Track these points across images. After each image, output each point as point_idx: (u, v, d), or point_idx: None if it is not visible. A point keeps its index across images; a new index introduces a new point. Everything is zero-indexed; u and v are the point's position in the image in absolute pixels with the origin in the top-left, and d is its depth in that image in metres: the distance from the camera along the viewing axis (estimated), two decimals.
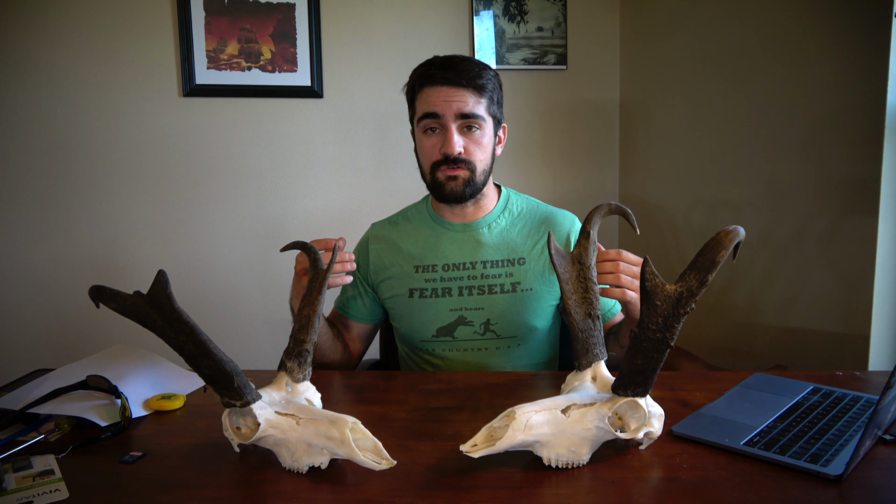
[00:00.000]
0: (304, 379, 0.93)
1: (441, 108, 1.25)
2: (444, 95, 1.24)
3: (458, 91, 1.24)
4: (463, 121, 1.25)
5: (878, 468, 0.82)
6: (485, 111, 1.27)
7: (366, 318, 1.41)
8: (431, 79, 1.26)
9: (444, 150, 1.26)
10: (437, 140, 1.27)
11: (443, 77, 1.25)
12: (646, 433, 0.85)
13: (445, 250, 1.34)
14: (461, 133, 1.26)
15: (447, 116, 1.25)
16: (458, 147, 1.25)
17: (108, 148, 2.28)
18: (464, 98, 1.24)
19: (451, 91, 1.24)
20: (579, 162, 2.56)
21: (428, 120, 1.27)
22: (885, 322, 1.52)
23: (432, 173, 1.29)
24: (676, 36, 2.19)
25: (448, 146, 1.25)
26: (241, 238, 2.40)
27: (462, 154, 1.26)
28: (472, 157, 1.27)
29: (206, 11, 2.25)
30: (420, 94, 1.28)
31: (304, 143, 2.40)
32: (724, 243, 0.76)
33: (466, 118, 1.25)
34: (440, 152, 1.27)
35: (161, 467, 0.88)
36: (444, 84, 1.25)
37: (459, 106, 1.24)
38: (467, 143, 1.27)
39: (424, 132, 1.29)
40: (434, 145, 1.28)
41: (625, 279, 1.11)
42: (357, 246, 1.44)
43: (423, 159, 1.31)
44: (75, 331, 2.30)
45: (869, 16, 1.46)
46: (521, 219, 1.37)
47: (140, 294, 0.80)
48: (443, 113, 1.25)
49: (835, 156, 1.59)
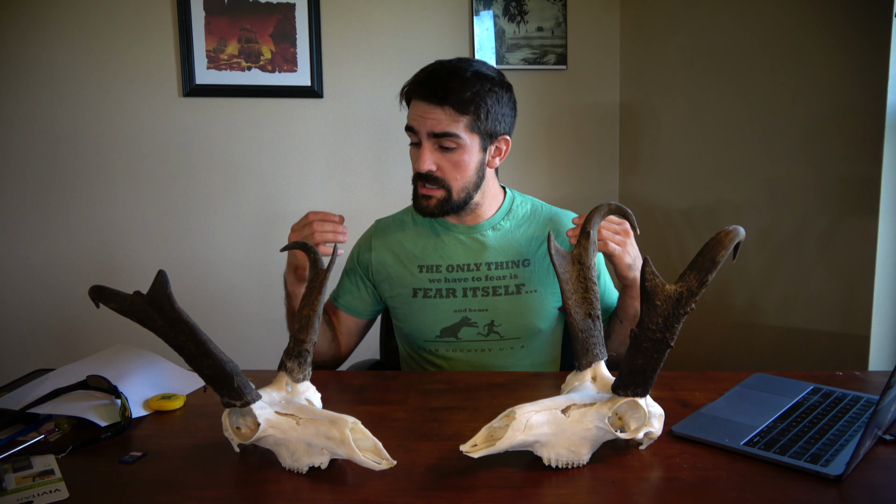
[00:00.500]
0: (304, 379, 0.93)
1: (416, 123, 1.23)
2: (421, 111, 1.22)
3: (432, 109, 1.21)
4: (436, 140, 1.23)
5: (878, 468, 0.82)
6: (464, 129, 1.22)
7: (359, 311, 1.40)
8: (414, 92, 1.24)
9: (415, 167, 1.26)
10: (417, 153, 1.27)
11: (421, 92, 1.22)
12: (646, 433, 0.85)
13: (449, 251, 1.34)
14: (436, 151, 1.24)
15: (421, 133, 1.23)
16: (427, 165, 1.23)
17: (108, 148, 2.28)
18: (437, 116, 1.21)
19: (427, 108, 1.21)
20: (579, 162, 2.56)
21: (409, 132, 1.26)
22: (885, 322, 1.52)
23: (414, 184, 1.30)
24: (676, 36, 2.19)
25: (419, 164, 1.24)
26: (242, 238, 2.40)
27: (434, 172, 1.24)
28: (445, 175, 1.24)
29: (206, 11, 2.25)
30: (410, 104, 1.27)
31: (304, 143, 2.40)
32: (724, 243, 0.76)
33: (438, 137, 1.22)
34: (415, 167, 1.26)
35: (161, 467, 0.88)
36: (421, 99, 1.22)
37: (432, 125, 1.21)
38: (442, 161, 1.24)
39: (411, 143, 1.29)
40: (414, 158, 1.27)
41: (605, 233, 1.15)
42: (360, 240, 1.43)
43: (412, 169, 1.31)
44: (75, 331, 2.30)
45: (869, 16, 1.46)
46: (525, 221, 1.36)
47: (140, 294, 0.80)
48: (418, 129, 1.23)
49: (835, 156, 1.59)
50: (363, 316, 1.41)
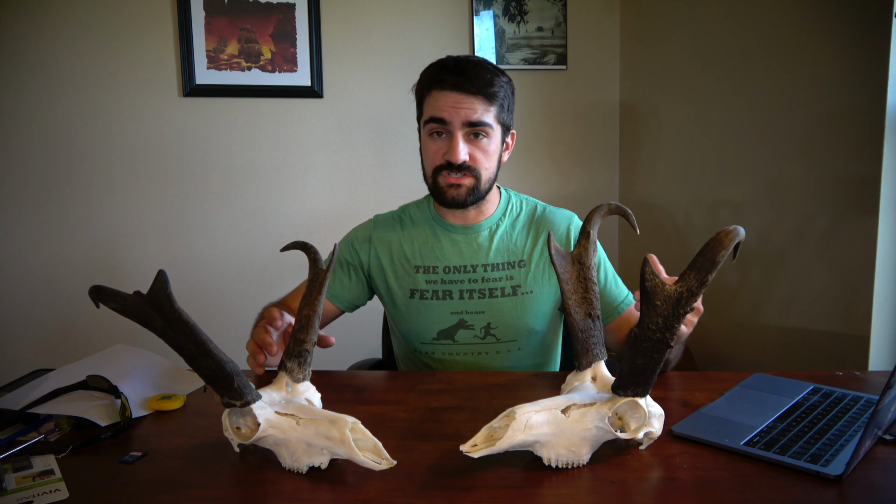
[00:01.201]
0: (304, 379, 0.93)
1: (448, 114, 1.22)
2: (453, 101, 1.22)
3: (467, 98, 1.22)
4: (470, 128, 1.23)
5: (878, 468, 0.82)
6: (493, 119, 1.24)
7: (340, 299, 1.37)
8: (441, 83, 1.23)
9: (449, 157, 1.24)
10: (442, 144, 1.25)
11: (453, 82, 1.22)
12: (646, 433, 0.85)
13: (446, 252, 1.33)
14: (467, 140, 1.24)
15: (454, 123, 1.22)
16: (462, 155, 1.23)
17: (107, 148, 2.28)
18: (472, 105, 1.22)
19: (461, 97, 1.22)
20: (579, 162, 2.56)
21: (434, 124, 1.24)
22: (885, 322, 1.52)
23: (434, 177, 1.28)
24: (676, 36, 2.19)
25: (453, 154, 1.23)
26: (241, 237, 2.40)
27: (467, 162, 1.24)
28: (477, 164, 1.25)
29: (206, 11, 2.25)
30: (429, 96, 1.26)
31: (304, 143, 2.40)
32: (724, 243, 0.76)
33: (473, 126, 1.23)
34: (444, 158, 1.25)
35: (161, 467, 0.87)
36: (453, 90, 1.22)
37: (467, 113, 1.22)
38: (473, 150, 1.25)
39: (430, 135, 1.27)
40: (438, 149, 1.26)
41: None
42: (357, 232, 1.40)
43: (427, 162, 1.30)
44: (75, 331, 2.30)
45: (869, 16, 1.46)
46: (520, 220, 1.36)
47: (140, 294, 0.80)
48: (450, 119, 1.22)
49: (835, 156, 1.59)
50: (342, 305, 1.38)
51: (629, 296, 1.35)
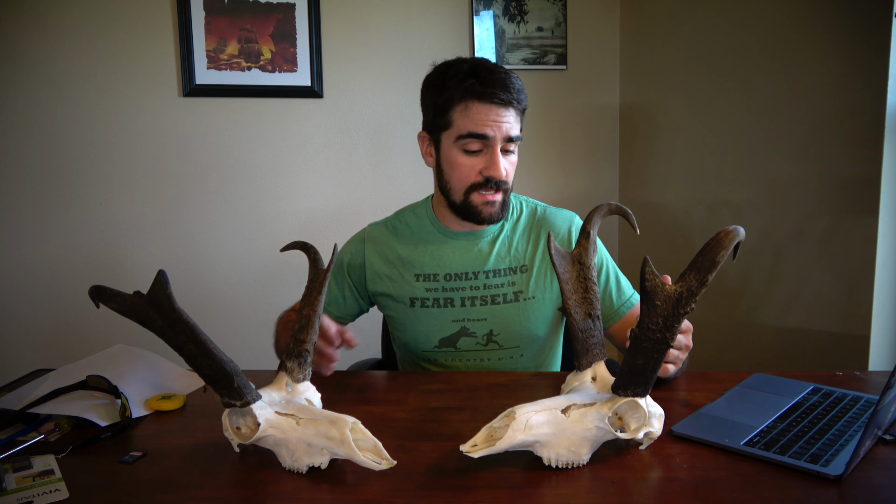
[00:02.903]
0: (304, 379, 0.93)
1: (492, 129, 1.17)
2: (496, 116, 1.17)
3: (506, 112, 1.18)
4: (507, 143, 1.20)
5: (878, 468, 0.82)
6: (520, 131, 1.23)
7: (337, 313, 1.36)
8: (483, 95, 1.17)
9: (490, 173, 1.19)
10: (479, 161, 1.20)
11: (493, 95, 1.16)
12: (646, 433, 0.85)
13: (447, 260, 1.31)
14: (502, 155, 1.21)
15: (496, 138, 1.18)
16: (504, 171, 1.20)
17: (107, 148, 2.28)
18: (511, 120, 1.18)
19: (501, 111, 1.17)
20: (579, 162, 2.56)
21: (472, 140, 1.19)
22: (885, 322, 1.52)
23: (466, 194, 1.23)
24: (676, 36, 2.19)
25: (495, 170, 1.19)
26: (241, 238, 2.40)
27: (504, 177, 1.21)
28: (509, 178, 1.23)
29: (206, 11, 2.25)
30: (463, 108, 1.19)
31: (304, 143, 2.40)
32: (724, 243, 0.76)
33: (511, 141, 1.20)
34: (482, 174, 1.20)
35: (161, 467, 0.88)
36: (494, 103, 1.17)
37: (508, 129, 1.18)
38: (506, 165, 1.22)
39: (463, 150, 1.21)
40: (474, 166, 1.20)
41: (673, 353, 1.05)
42: (351, 243, 1.38)
43: (458, 178, 1.23)
44: (75, 331, 2.30)
45: (869, 16, 1.46)
46: (521, 224, 1.34)
47: (140, 294, 0.80)
48: (493, 135, 1.17)
49: (835, 156, 1.59)
50: (336, 317, 1.36)
51: (635, 295, 1.32)
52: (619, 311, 1.31)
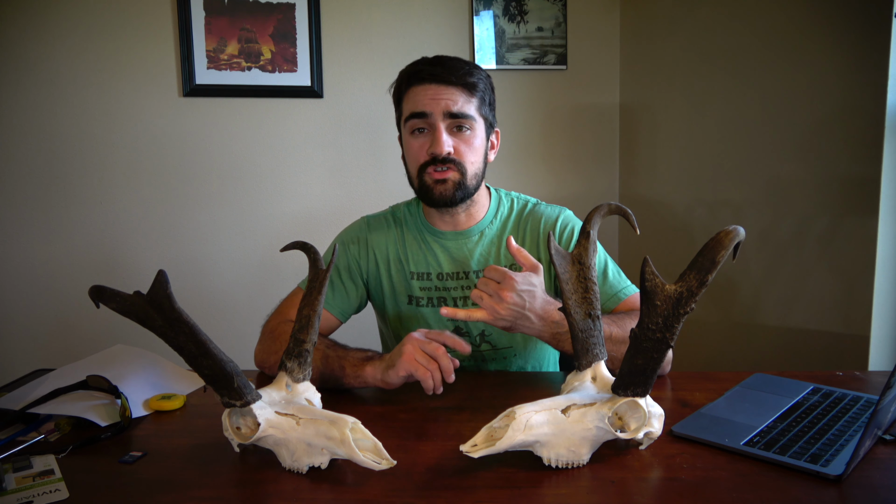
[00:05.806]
0: (304, 379, 0.93)
1: (429, 106, 1.19)
2: (433, 93, 1.19)
3: (447, 89, 1.19)
4: (452, 120, 1.20)
5: (878, 468, 0.82)
6: (475, 111, 1.22)
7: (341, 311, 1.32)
8: (418, 76, 1.21)
9: (432, 149, 1.20)
10: (425, 140, 1.21)
11: (431, 74, 1.19)
12: (646, 433, 0.85)
13: (438, 259, 1.30)
14: (451, 133, 1.21)
15: (435, 115, 1.19)
16: (446, 147, 1.19)
17: (107, 148, 2.28)
18: (453, 96, 1.19)
19: (440, 88, 1.19)
20: (579, 162, 2.56)
21: (415, 120, 1.21)
22: (885, 322, 1.52)
23: (420, 176, 1.24)
24: (676, 36, 2.19)
25: (436, 146, 1.19)
26: (242, 238, 2.40)
27: (451, 154, 1.20)
28: (462, 157, 1.21)
29: (206, 11, 2.25)
30: (407, 93, 1.23)
31: (304, 143, 2.40)
32: (724, 243, 0.76)
33: (456, 118, 1.20)
34: (427, 153, 1.21)
35: (161, 467, 0.88)
36: (432, 81, 1.19)
37: (448, 104, 1.19)
38: (457, 143, 1.21)
39: (412, 133, 1.23)
40: (421, 146, 1.22)
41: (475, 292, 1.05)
42: (348, 237, 1.35)
43: (410, 162, 1.26)
44: (75, 331, 2.30)
45: (869, 16, 1.46)
46: (511, 222, 1.32)
47: (140, 294, 0.80)
48: (431, 111, 1.19)
49: (835, 156, 1.59)
50: (342, 317, 1.33)
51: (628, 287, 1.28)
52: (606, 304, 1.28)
